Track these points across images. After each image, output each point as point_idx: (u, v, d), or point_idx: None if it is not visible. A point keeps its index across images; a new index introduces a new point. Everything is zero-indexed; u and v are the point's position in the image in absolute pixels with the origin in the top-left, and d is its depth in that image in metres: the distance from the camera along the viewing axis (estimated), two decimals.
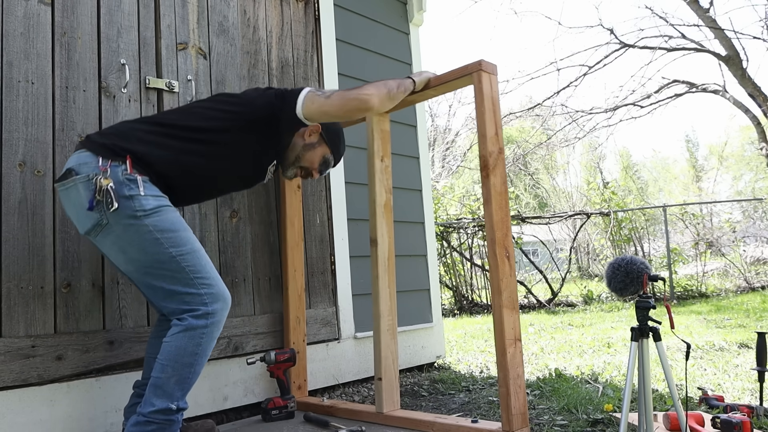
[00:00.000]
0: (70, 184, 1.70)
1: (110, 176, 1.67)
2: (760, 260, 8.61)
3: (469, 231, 8.14)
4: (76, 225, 1.77)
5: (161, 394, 1.67)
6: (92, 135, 1.81)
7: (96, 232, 1.71)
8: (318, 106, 1.92)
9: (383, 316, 2.24)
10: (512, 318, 1.91)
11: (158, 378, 1.68)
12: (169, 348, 1.68)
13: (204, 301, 1.70)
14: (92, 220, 1.68)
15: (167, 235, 1.69)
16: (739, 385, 2.69)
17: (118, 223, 1.67)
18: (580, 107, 24.14)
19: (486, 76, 2.00)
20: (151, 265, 1.69)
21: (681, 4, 11.60)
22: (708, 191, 28.96)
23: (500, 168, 1.98)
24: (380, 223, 2.29)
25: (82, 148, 1.75)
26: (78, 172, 1.69)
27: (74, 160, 1.74)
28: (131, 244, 1.68)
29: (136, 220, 1.67)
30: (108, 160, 1.69)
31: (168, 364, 1.68)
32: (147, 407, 1.67)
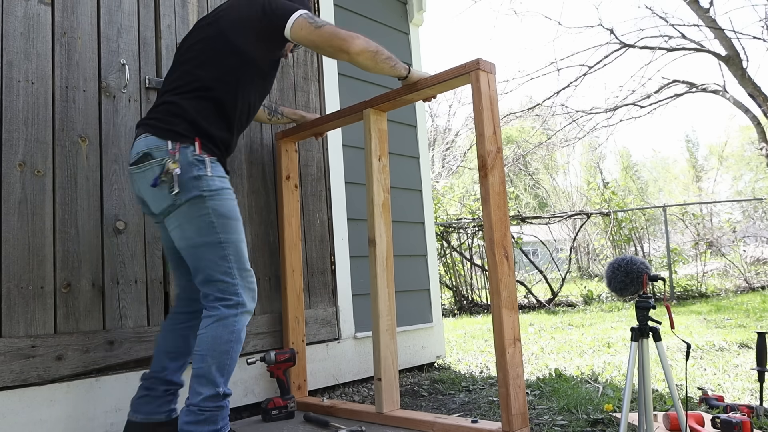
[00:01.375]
0: (147, 167, 1.79)
1: (179, 159, 1.77)
2: (760, 260, 8.61)
3: (469, 231, 8.14)
4: (150, 205, 1.83)
5: (205, 382, 1.75)
6: (149, 120, 1.86)
7: (168, 212, 1.80)
8: (306, 33, 1.91)
9: (382, 316, 2.24)
10: (511, 318, 1.91)
11: (200, 368, 1.76)
12: (205, 339, 1.76)
13: (236, 292, 1.80)
14: (168, 201, 1.78)
15: (221, 221, 1.80)
16: (739, 385, 2.69)
17: (186, 201, 1.77)
18: (580, 107, 24.16)
19: (484, 74, 1.99)
20: (200, 245, 1.79)
21: (681, 4, 11.60)
22: (708, 191, 28.96)
23: (498, 167, 1.98)
24: (378, 223, 2.29)
25: (145, 133, 1.83)
26: (153, 156, 1.79)
27: (143, 144, 1.81)
28: (190, 221, 1.78)
29: (200, 200, 1.78)
30: (177, 143, 1.79)
31: (207, 354, 1.75)
32: (195, 397, 1.75)
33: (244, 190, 2.60)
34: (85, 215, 2.12)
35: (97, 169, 2.18)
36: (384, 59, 2.00)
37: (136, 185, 1.87)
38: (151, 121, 1.85)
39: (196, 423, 1.74)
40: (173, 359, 1.98)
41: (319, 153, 2.96)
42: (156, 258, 2.28)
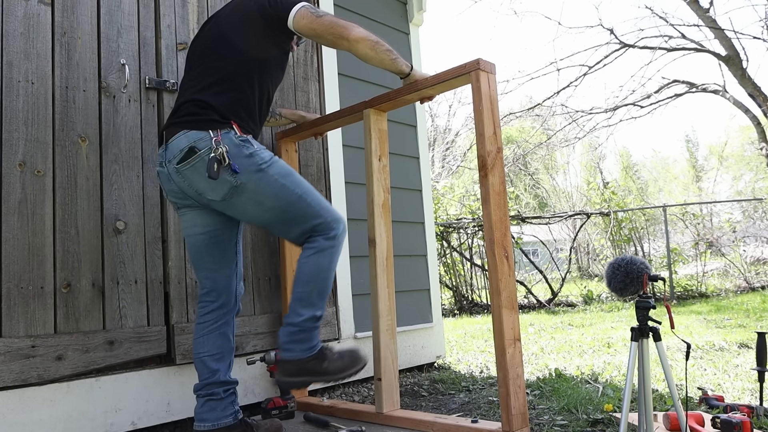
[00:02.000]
0: (197, 160, 1.85)
1: (225, 143, 1.84)
2: (760, 260, 8.61)
3: (469, 231, 8.14)
4: (208, 194, 1.87)
5: (306, 305, 1.92)
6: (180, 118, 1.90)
7: (231, 195, 1.87)
8: (307, 22, 1.97)
9: (382, 315, 2.24)
10: (511, 318, 1.91)
11: (302, 292, 1.92)
12: (308, 267, 1.92)
13: (331, 226, 1.96)
14: (227, 185, 1.85)
15: (289, 180, 1.92)
16: (739, 385, 2.69)
17: (250, 179, 1.86)
18: (580, 107, 24.16)
19: (484, 74, 1.99)
20: (285, 208, 1.91)
21: (681, 4, 11.61)
22: (708, 191, 28.96)
23: (499, 167, 1.98)
24: (378, 223, 2.29)
25: (182, 130, 1.87)
26: (199, 147, 1.84)
27: (185, 140, 1.86)
28: (266, 194, 1.88)
29: (262, 173, 1.87)
30: (218, 131, 1.86)
31: (310, 280, 1.92)
32: (296, 317, 1.90)
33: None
34: (85, 215, 2.12)
35: (97, 169, 2.18)
36: (384, 50, 2.02)
37: (186, 180, 1.89)
38: (184, 118, 1.90)
39: (295, 341, 1.90)
40: (219, 360, 2.01)
41: (319, 153, 2.96)
42: (156, 258, 2.28)
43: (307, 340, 1.93)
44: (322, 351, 1.96)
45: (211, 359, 1.99)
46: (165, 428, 2.25)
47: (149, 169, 2.31)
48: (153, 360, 2.24)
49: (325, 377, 1.95)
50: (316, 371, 1.93)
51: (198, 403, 1.98)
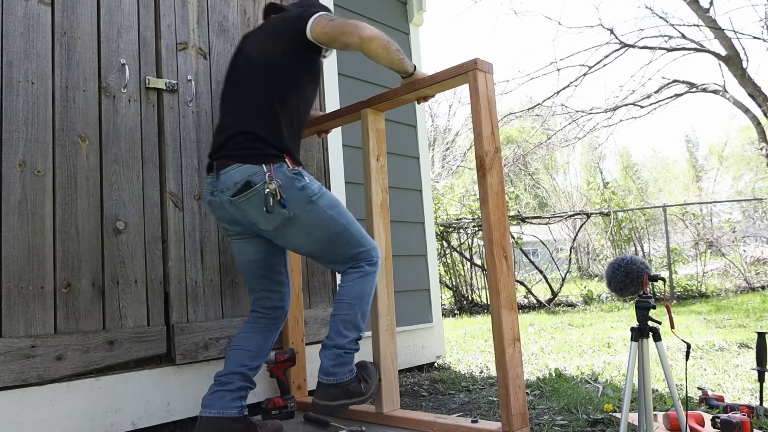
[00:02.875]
0: (252, 194, 1.92)
1: (279, 177, 1.92)
2: (760, 260, 8.60)
3: (469, 231, 8.14)
4: (262, 225, 1.96)
5: (351, 327, 2.01)
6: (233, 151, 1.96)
7: (283, 225, 1.95)
8: (321, 28, 2.02)
9: (381, 316, 2.24)
10: (511, 318, 1.91)
11: (347, 314, 2.01)
12: (352, 290, 2.02)
13: (371, 254, 2.07)
14: (281, 217, 1.93)
15: (335, 211, 2.01)
16: (739, 385, 2.69)
17: (302, 211, 1.95)
18: (580, 107, 24.15)
19: (481, 74, 1.99)
20: (331, 239, 2.01)
21: (681, 4, 11.60)
22: (708, 191, 28.95)
23: (497, 167, 1.98)
24: (377, 223, 2.29)
25: (236, 164, 1.93)
26: (254, 182, 1.91)
27: (239, 174, 1.92)
28: (315, 225, 1.98)
29: (313, 204, 1.97)
30: (271, 165, 1.93)
31: (354, 303, 2.01)
32: (342, 340, 1.99)
33: None
34: (85, 215, 2.13)
35: (97, 169, 2.18)
36: (394, 50, 2.05)
37: (240, 211, 1.97)
38: (236, 151, 1.96)
39: (340, 365, 1.99)
40: (253, 358, 2.07)
41: (319, 153, 2.96)
42: (156, 258, 2.28)
43: (350, 363, 2.03)
44: (358, 372, 2.07)
45: (246, 354, 2.06)
46: (165, 428, 2.25)
47: (149, 169, 2.31)
48: (153, 360, 2.24)
49: (363, 398, 2.04)
50: (358, 392, 2.02)
51: (210, 390, 2.00)
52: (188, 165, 2.42)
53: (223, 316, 2.44)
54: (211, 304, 2.41)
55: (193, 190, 2.43)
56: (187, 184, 2.41)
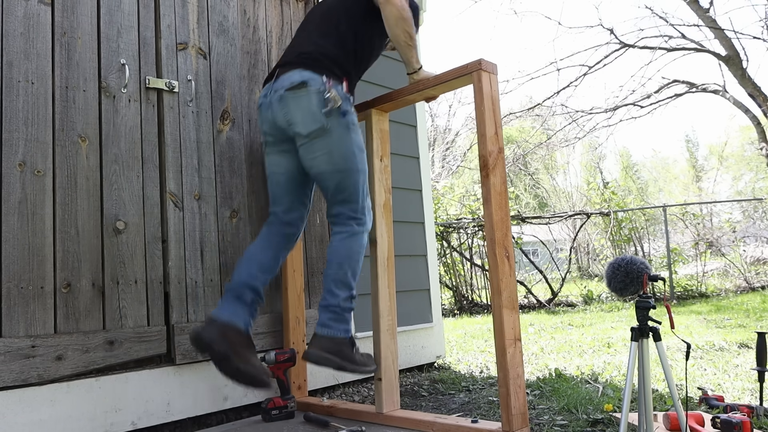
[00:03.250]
0: (303, 93, 2.03)
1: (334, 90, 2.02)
2: (760, 260, 8.61)
3: (469, 231, 8.14)
4: (297, 127, 2.05)
5: (342, 285, 2.07)
6: (301, 57, 2.09)
7: (315, 135, 2.04)
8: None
9: (383, 316, 2.24)
10: (512, 318, 1.91)
11: (338, 274, 2.07)
12: (341, 250, 2.09)
13: (364, 212, 2.14)
14: (317, 124, 2.02)
15: (359, 154, 2.10)
16: (739, 385, 2.69)
17: (337, 130, 2.04)
18: (580, 107, 24.15)
19: (486, 75, 1.99)
20: (345, 171, 2.07)
21: (681, 4, 11.60)
22: (708, 191, 28.96)
23: (500, 168, 1.98)
24: (379, 223, 2.29)
25: (299, 68, 2.06)
26: (310, 84, 2.03)
27: (298, 76, 2.05)
28: (339, 150, 2.05)
29: (348, 131, 2.06)
30: (330, 80, 2.04)
31: (343, 262, 2.07)
32: (334, 299, 2.06)
33: (244, 190, 2.60)
34: (85, 215, 2.12)
35: (97, 169, 2.18)
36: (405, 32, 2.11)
37: (284, 109, 2.07)
38: (304, 58, 2.09)
39: (336, 320, 2.05)
40: (264, 272, 2.14)
41: None
42: (156, 258, 2.28)
43: (345, 321, 2.07)
44: (353, 339, 2.10)
45: (258, 266, 2.12)
46: (165, 428, 2.25)
47: (149, 169, 2.31)
48: (153, 360, 2.24)
49: (352, 365, 2.06)
50: (348, 356, 2.05)
51: (224, 299, 2.07)
52: (188, 165, 2.42)
53: None
54: (211, 304, 2.41)
55: (193, 190, 2.42)
56: (187, 184, 2.41)
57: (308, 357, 2.03)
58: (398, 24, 2.10)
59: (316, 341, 2.04)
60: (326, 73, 2.06)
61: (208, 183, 2.47)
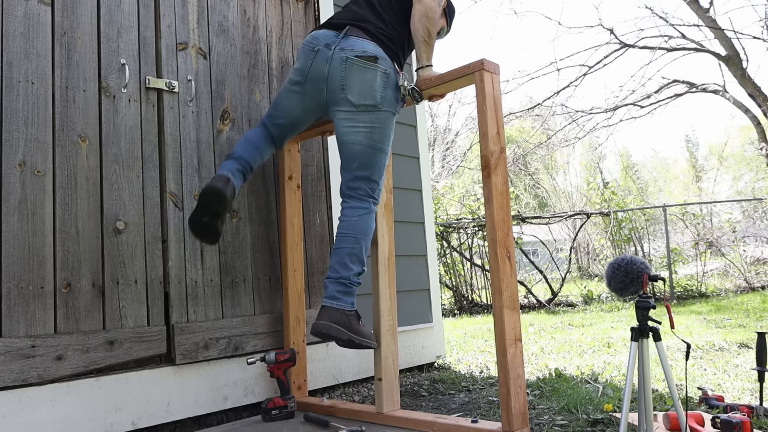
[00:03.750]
0: (372, 67, 2.11)
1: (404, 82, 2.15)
2: (760, 260, 8.60)
3: (469, 231, 8.14)
4: (350, 94, 2.13)
5: (356, 260, 2.13)
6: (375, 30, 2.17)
7: (364, 109, 2.13)
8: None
9: (383, 316, 2.24)
10: (513, 318, 1.91)
11: (353, 248, 2.13)
12: (359, 225, 2.14)
13: (379, 194, 2.23)
14: (372, 101, 2.12)
15: (392, 139, 2.22)
16: (739, 385, 2.69)
17: (387, 112, 2.15)
18: (580, 107, 24.16)
19: (488, 75, 2.00)
20: (376, 149, 2.16)
21: (681, 4, 11.60)
22: (708, 191, 28.95)
23: (502, 167, 1.98)
24: (380, 223, 2.29)
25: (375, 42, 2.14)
26: (381, 63, 2.12)
27: (373, 48, 2.13)
28: (381, 130, 2.15)
29: (393, 116, 2.18)
30: (400, 68, 2.21)
31: (360, 237, 2.14)
32: (347, 271, 2.11)
33: (244, 190, 2.60)
34: (85, 215, 2.12)
35: (97, 169, 2.18)
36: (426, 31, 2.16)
37: (344, 72, 2.12)
38: (379, 33, 2.17)
39: (345, 294, 2.11)
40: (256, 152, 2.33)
41: (319, 153, 2.96)
42: (156, 258, 2.28)
43: (352, 294, 2.13)
44: (357, 312, 2.16)
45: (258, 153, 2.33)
46: (165, 428, 2.25)
47: (149, 169, 2.31)
48: (153, 360, 2.24)
49: (359, 338, 2.11)
50: (353, 327, 2.10)
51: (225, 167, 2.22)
52: (188, 165, 2.42)
53: (223, 316, 2.44)
54: (211, 304, 2.41)
55: (193, 190, 2.42)
56: (187, 184, 2.41)
57: (318, 328, 2.05)
58: (421, 20, 2.16)
59: (326, 313, 2.07)
60: (396, 60, 2.19)
61: None
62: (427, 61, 2.18)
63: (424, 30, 2.16)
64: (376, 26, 2.19)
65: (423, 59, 2.18)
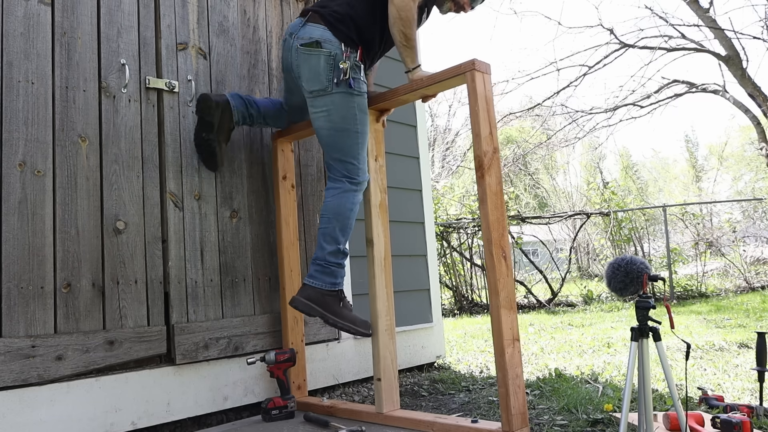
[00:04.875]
0: (315, 53, 2.15)
1: (348, 60, 2.14)
2: (760, 260, 8.60)
3: (468, 231, 8.14)
4: (303, 82, 2.20)
5: (330, 239, 2.20)
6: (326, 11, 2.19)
7: (317, 94, 2.18)
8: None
9: (381, 316, 2.24)
10: (510, 318, 1.91)
11: (326, 228, 2.20)
12: (332, 205, 2.20)
13: (359, 173, 2.22)
14: (320, 85, 2.16)
15: (360, 116, 2.20)
16: (739, 385, 2.69)
17: (340, 93, 2.15)
18: (580, 107, 24.15)
19: (479, 75, 1.99)
20: (341, 130, 2.19)
21: (681, 4, 11.60)
22: (708, 191, 28.95)
23: (495, 168, 1.98)
24: (376, 223, 2.29)
25: (321, 24, 2.17)
26: (323, 47, 2.15)
27: (318, 33, 2.16)
28: (339, 110, 2.17)
29: (350, 96, 2.17)
30: (348, 48, 2.15)
31: (332, 217, 2.20)
32: (321, 252, 2.19)
33: (244, 190, 2.61)
34: (85, 215, 2.13)
35: (97, 169, 2.18)
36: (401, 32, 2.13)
37: (296, 61, 2.21)
38: (331, 16, 2.18)
39: (321, 273, 2.19)
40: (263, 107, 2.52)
41: (319, 153, 2.96)
42: (156, 258, 2.28)
43: (332, 275, 2.19)
44: (342, 293, 2.21)
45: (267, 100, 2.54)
46: (165, 428, 2.25)
47: (149, 169, 2.31)
48: (153, 360, 2.24)
49: (334, 317, 2.17)
50: (331, 308, 2.17)
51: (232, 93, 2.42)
52: (188, 165, 2.42)
53: (223, 316, 2.44)
54: (211, 304, 2.41)
55: (193, 190, 2.43)
56: (187, 184, 2.41)
57: (293, 303, 2.20)
58: (395, 24, 2.14)
59: (302, 290, 2.19)
60: (345, 40, 2.15)
61: (208, 183, 2.48)
62: (413, 64, 2.16)
63: (400, 35, 2.15)
64: (329, 9, 2.21)
65: (408, 63, 2.17)
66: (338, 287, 2.20)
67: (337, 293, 2.20)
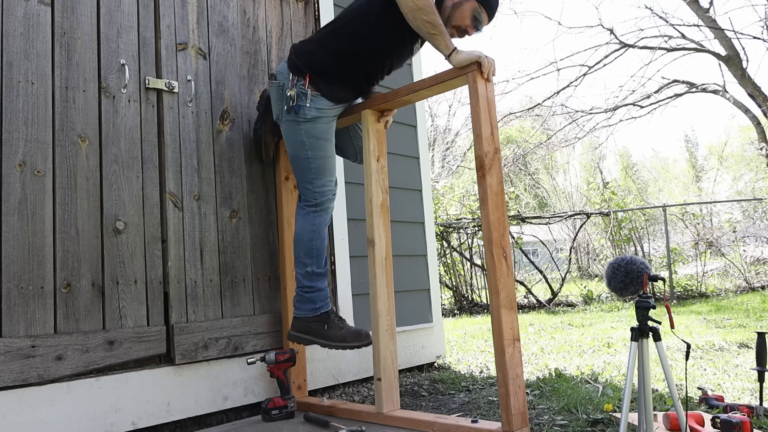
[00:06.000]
0: (273, 85, 2.30)
1: (295, 89, 2.22)
2: (760, 260, 8.60)
3: (469, 231, 8.14)
4: (274, 110, 2.32)
5: (299, 264, 2.29)
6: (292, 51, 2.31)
7: (279, 121, 2.31)
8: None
9: (381, 316, 2.24)
10: (510, 318, 1.91)
11: (295, 253, 2.30)
12: (296, 230, 2.31)
13: (314, 197, 2.29)
14: (276, 114, 2.32)
15: (311, 141, 2.26)
16: (739, 385, 2.69)
17: (288, 121, 2.27)
18: (580, 107, 24.14)
19: (480, 75, 1.99)
20: (294, 157, 2.31)
21: (681, 4, 11.60)
22: (708, 191, 28.95)
23: (496, 168, 1.98)
24: (377, 223, 2.29)
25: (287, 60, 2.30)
26: (277, 78, 2.28)
27: (278, 68, 2.34)
28: (288, 138, 2.30)
29: (296, 123, 2.25)
30: (296, 77, 2.23)
31: (296, 242, 2.30)
32: (297, 277, 2.29)
33: (244, 190, 2.61)
34: (85, 215, 2.13)
35: (97, 169, 2.18)
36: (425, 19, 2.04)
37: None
38: (292, 52, 2.30)
39: (300, 302, 2.28)
40: None
41: None
42: (156, 258, 2.28)
43: (309, 301, 2.26)
44: (326, 315, 2.26)
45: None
46: (165, 428, 2.25)
47: (149, 169, 2.31)
48: (153, 360, 2.24)
49: (323, 341, 2.24)
50: (318, 333, 2.24)
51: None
52: (188, 165, 2.42)
53: (223, 316, 2.44)
54: (211, 304, 2.41)
55: (193, 190, 2.43)
56: (186, 184, 2.41)
57: (289, 338, 2.31)
58: (416, 15, 2.04)
59: (293, 322, 2.31)
60: (293, 69, 2.24)
61: (208, 183, 2.48)
62: (447, 50, 2.04)
63: (424, 25, 2.06)
64: (300, 45, 2.34)
65: (443, 50, 2.07)
66: (320, 311, 2.26)
67: (320, 317, 2.25)
